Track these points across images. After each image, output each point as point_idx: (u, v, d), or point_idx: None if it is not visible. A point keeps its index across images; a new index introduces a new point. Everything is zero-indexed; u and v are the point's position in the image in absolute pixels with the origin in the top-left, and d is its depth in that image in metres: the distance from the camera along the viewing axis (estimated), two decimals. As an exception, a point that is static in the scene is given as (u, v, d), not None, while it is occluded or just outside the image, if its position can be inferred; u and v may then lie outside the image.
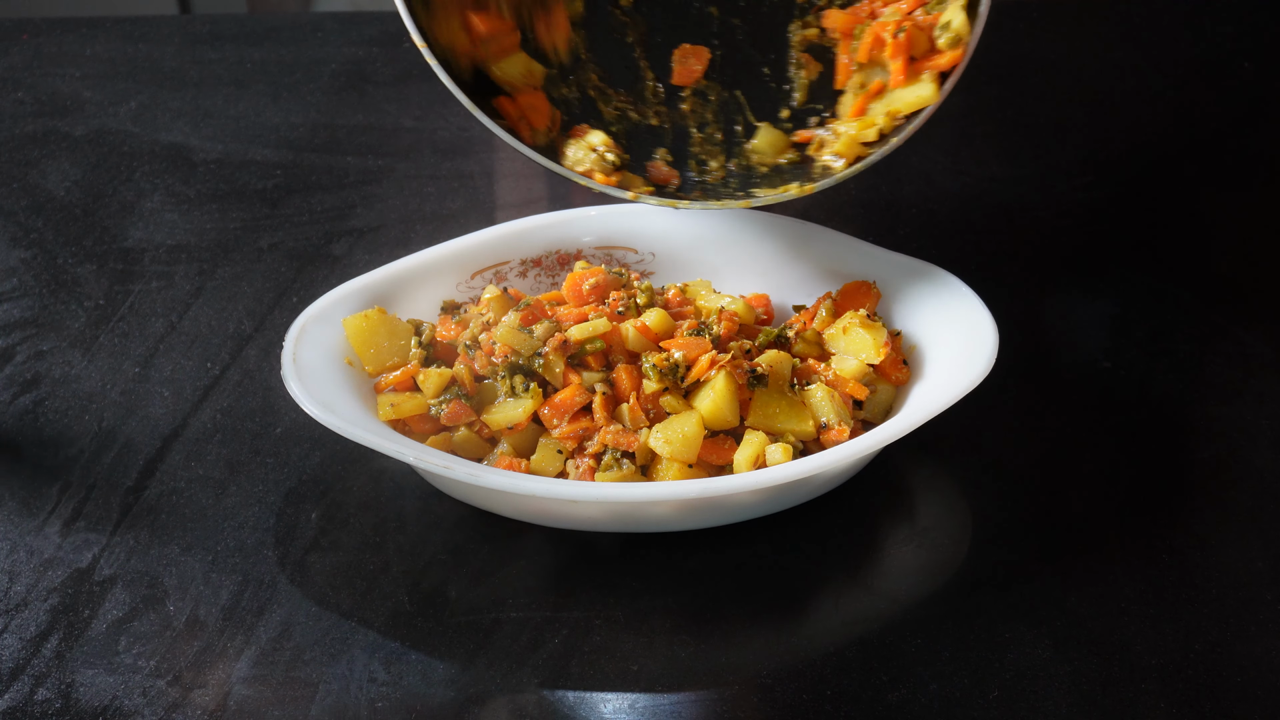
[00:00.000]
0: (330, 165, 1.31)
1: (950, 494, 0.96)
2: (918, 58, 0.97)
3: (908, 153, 1.37)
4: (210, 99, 1.42)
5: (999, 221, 1.24)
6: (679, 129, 1.04)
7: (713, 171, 1.03)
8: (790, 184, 0.98)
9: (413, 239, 1.21)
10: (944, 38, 0.96)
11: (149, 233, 1.21)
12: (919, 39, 0.96)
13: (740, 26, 1.04)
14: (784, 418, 0.89)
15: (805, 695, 0.81)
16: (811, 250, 1.03)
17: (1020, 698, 0.80)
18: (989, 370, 0.89)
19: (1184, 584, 0.88)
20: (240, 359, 1.06)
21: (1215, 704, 0.80)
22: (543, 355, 0.90)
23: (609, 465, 0.88)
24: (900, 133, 0.96)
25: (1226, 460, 0.97)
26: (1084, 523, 0.92)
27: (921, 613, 0.86)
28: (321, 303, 0.96)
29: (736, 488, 0.85)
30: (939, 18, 0.97)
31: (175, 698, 0.80)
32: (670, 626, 0.85)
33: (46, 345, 1.08)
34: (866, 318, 0.94)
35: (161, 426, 1.00)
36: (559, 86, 1.02)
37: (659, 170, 1.02)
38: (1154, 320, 1.11)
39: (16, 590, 0.87)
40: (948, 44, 0.96)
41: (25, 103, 1.42)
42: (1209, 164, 1.33)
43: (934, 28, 0.97)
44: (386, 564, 0.89)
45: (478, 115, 0.95)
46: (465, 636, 0.84)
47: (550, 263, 1.05)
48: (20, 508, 0.93)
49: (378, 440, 0.86)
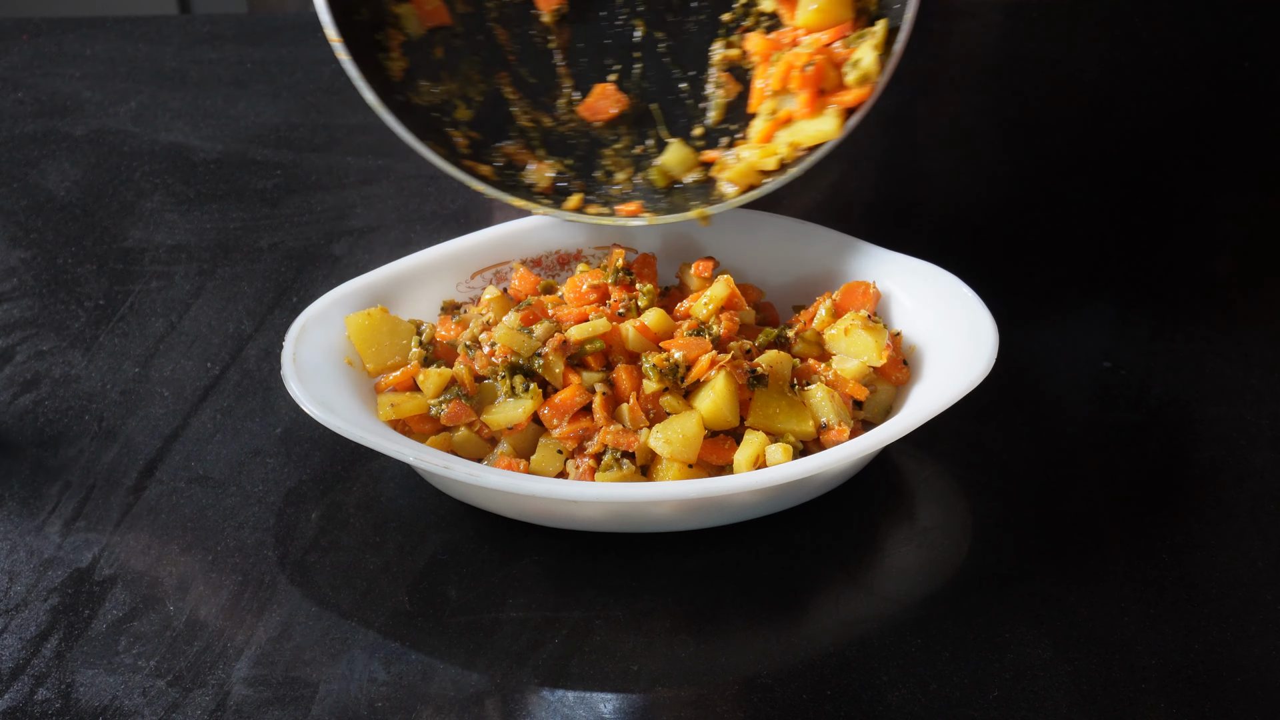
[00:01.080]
0: (330, 165, 1.31)
1: (950, 494, 0.96)
2: (827, 91, 0.97)
3: (907, 152, 1.38)
4: (210, 99, 1.42)
5: (999, 222, 1.24)
6: (592, 137, 1.04)
7: (620, 184, 1.03)
8: (692, 206, 0.99)
9: (413, 239, 1.21)
10: (853, 75, 0.97)
11: (149, 233, 1.21)
12: (829, 73, 0.97)
13: (664, 40, 1.05)
14: (784, 418, 0.89)
15: (805, 695, 0.81)
16: (811, 250, 1.03)
17: (1020, 698, 0.80)
18: (989, 370, 0.89)
19: (1184, 584, 0.88)
20: (240, 359, 1.06)
21: (1215, 704, 0.80)
22: (542, 355, 0.90)
23: (609, 465, 0.88)
24: (800, 165, 0.97)
25: (1226, 460, 0.97)
26: (1084, 523, 0.92)
27: (922, 613, 0.86)
28: (321, 303, 0.96)
29: (736, 488, 0.85)
30: (853, 53, 0.97)
31: (175, 698, 0.80)
32: (670, 626, 0.85)
33: (46, 345, 1.08)
34: (868, 319, 0.94)
35: (162, 426, 1.00)
36: (469, 87, 1.02)
37: (542, 176, 1.03)
38: (1154, 320, 1.11)
39: (16, 590, 0.87)
40: (855, 81, 0.96)
41: (25, 103, 1.42)
42: (1209, 164, 1.33)
43: (845, 63, 0.97)
44: (386, 564, 0.89)
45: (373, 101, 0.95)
46: (465, 636, 0.84)
47: (550, 263, 1.05)
48: (20, 507, 0.93)
49: (378, 440, 0.86)
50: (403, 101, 0.99)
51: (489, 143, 1.02)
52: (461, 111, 1.02)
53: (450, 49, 1.02)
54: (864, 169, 1.34)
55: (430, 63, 1.02)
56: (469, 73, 1.02)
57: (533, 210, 1.00)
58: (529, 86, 1.03)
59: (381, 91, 0.96)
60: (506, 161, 1.03)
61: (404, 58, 1.01)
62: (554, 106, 1.04)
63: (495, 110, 1.03)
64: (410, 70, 1.01)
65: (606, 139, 1.04)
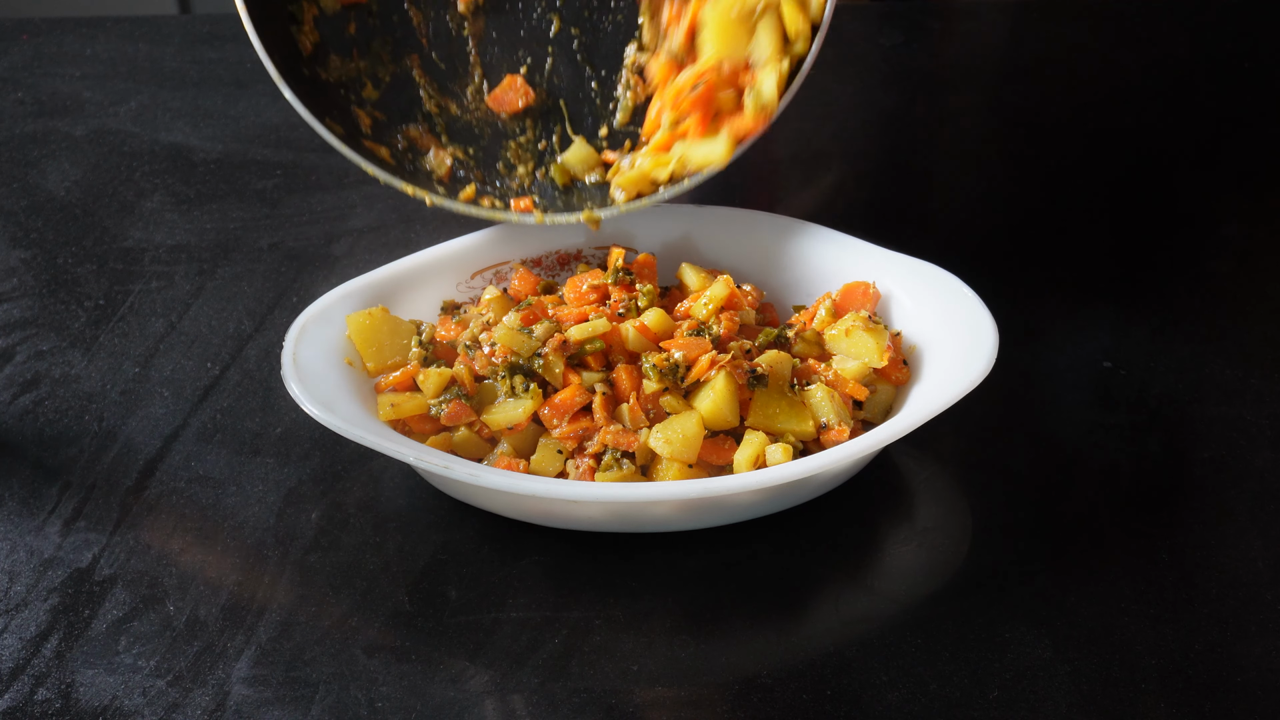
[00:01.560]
0: (330, 165, 1.31)
1: (950, 494, 0.96)
2: (723, 113, 0.97)
3: (907, 153, 1.38)
4: (210, 99, 1.42)
5: (999, 222, 1.24)
6: (497, 129, 1.04)
7: (519, 178, 1.03)
8: (585, 208, 0.99)
9: (413, 239, 1.21)
10: (750, 103, 0.97)
11: (149, 233, 1.21)
12: (727, 99, 0.97)
13: (578, 38, 1.05)
14: (784, 418, 0.89)
15: (805, 695, 0.81)
16: (811, 250, 1.03)
17: (1020, 698, 0.80)
18: (989, 370, 0.89)
19: (1184, 584, 0.88)
20: (240, 359, 1.06)
21: (1215, 704, 0.80)
22: (542, 356, 0.90)
23: (609, 465, 0.88)
24: (688, 181, 0.97)
25: (1226, 460, 0.97)
26: (1084, 523, 0.92)
27: (921, 613, 0.86)
28: (321, 303, 0.96)
29: (736, 488, 0.85)
30: (755, 78, 0.97)
31: (175, 698, 0.80)
32: (670, 626, 0.85)
33: (46, 345, 1.08)
34: (868, 320, 0.94)
35: (162, 426, 1.00)
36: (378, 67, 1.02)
37: (441, 163, 1.02)
38: (1154, 320, 1.11)
39: (17, 590, 0.87)
40: (752, 110, 0.96)
41: (25, 103, 1.42)
42: (1208, 164, 1.33)
43: (746, 90, 0.97)
44: (386, 564, 0.89)
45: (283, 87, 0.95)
46: (465, 636, 0.84)
47: (550, 263, 1.05)
48: (20, 507, 0.93)
49: (378, 440, 0.86)
50: (309, 76, 0.99)
51: (393, 124, 1.02)
52: (369, 90, 1.01)
53: (363, 26, 1.02)
54: (864, 169, 1.34)
55: (342, 38, 1.02)
56: (380, 52, 1.02)
57: (425, 198, 0.99)
58: (439, 71, 1.03)
59: (287, 64, 0.96)
60: (408, 145, 1.02)
61: (315, 31, 1.01)
62: (462, 94, 1.03)
63: (402, 92, 1.03)
64: (320, 44, 1.01)
65: (511, 131, 1.04)
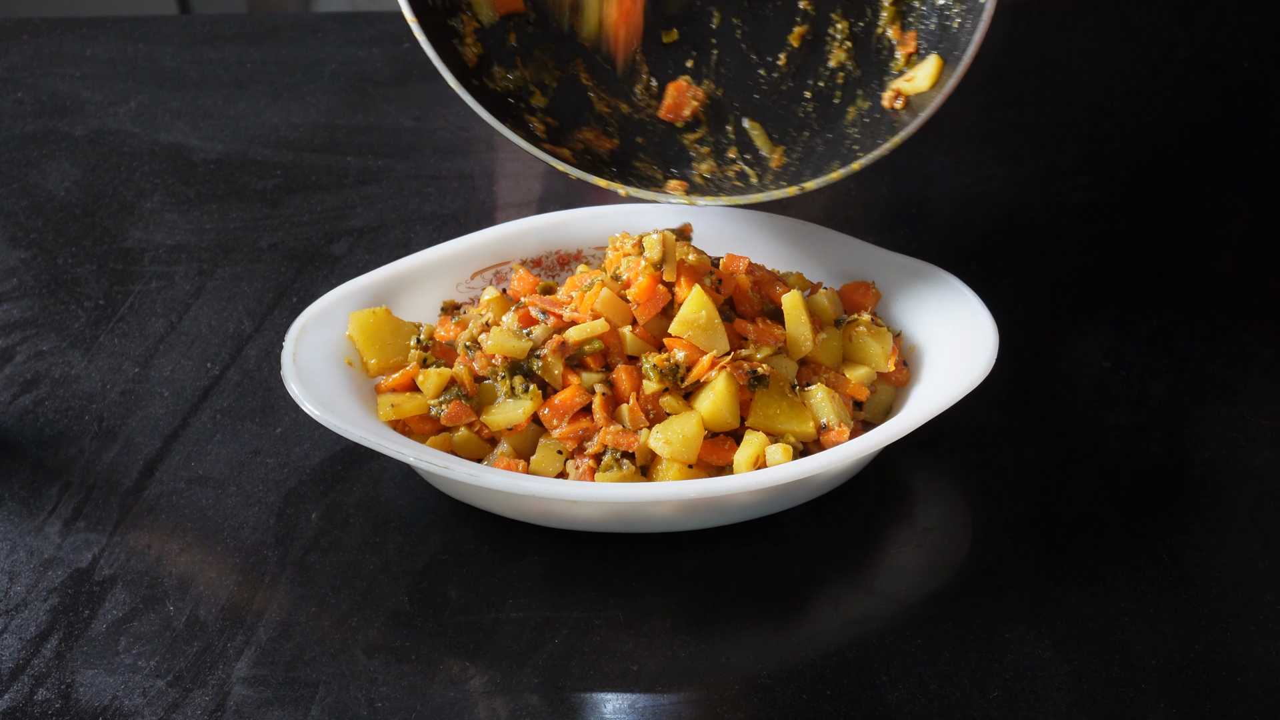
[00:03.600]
0: (330, 165, 1.31)
1: (950, 494, 0.96)
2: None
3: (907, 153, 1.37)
4: (210, 99, 1.42)
5: (999, 222, 1.24)
6: (669, 125, 1.04)
7: (699, 172, 1.03)
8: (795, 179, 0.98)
9: (413, 239, 1.21)
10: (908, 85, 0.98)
11: (149, 233, 1.21)
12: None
13: (740, 27, 1.04)
14: (784, 418, 0.89)
15: (805, 695, 0.81)
16: (811, 250, 1.03)
17: (1020, 698, 0.80)
18: (989, 371, 0.89)
19: (1184, 584, 0.88)
20: (240, 359, 1.06)
21: (1215, 704, 0.80)
22: (541, 357, 0.90)
23: (609, 466, 0.88)
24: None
25: (1226, 460, 0.97)
26: (1084, 523, 0.92)
27: (921, 613, 0.86)
28: (321, 303, 0.96)
29: (736, 488, 0.85)
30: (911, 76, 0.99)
31: (175, 698, 0.80)
32: (670, 627, 0.85)
33: (46, 345, 1.08)
34: (871, 323, 0.94)
35: (161, 426, 1.00)
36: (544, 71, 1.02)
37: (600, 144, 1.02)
38: (1154, 320, 1.11)
39: (16, 590, 0.87)
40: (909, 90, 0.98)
41: (25, 103, 1.42)
42: (1208, 164, 1.33)
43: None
44: (386, 564, 0.89)
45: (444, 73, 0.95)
46: (465, 636, 0.84)
47: (550, 263, 1.05)
48: (20, 507, 0.93)
49: (378, 440, 0.86)
50: (477, 86, 0.99)
51: (566, 129, 1.01)
52: (537, 98, 1.01)
53: (523, 35, 1.02)
54: (864, 169, 1.34)
55: (504, 49, 1.02)
56: (543, 59, 1.02)
57: (619, 189, 0.97)
58: (604, 73, 1.03)
59: (457, 76, 0.95)
60: (584, 146, 1.02)
61: (478, 44, 1.01)
62: (631, 92, 1.03)
63: (571, 96, 1.02)
64: (484, 57, 1.01)
65: (684, 128, 1.04)
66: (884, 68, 1.01)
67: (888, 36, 1.01)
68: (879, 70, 1.02)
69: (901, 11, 1.01)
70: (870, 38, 1.02)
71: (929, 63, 0.97)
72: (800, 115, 1.03)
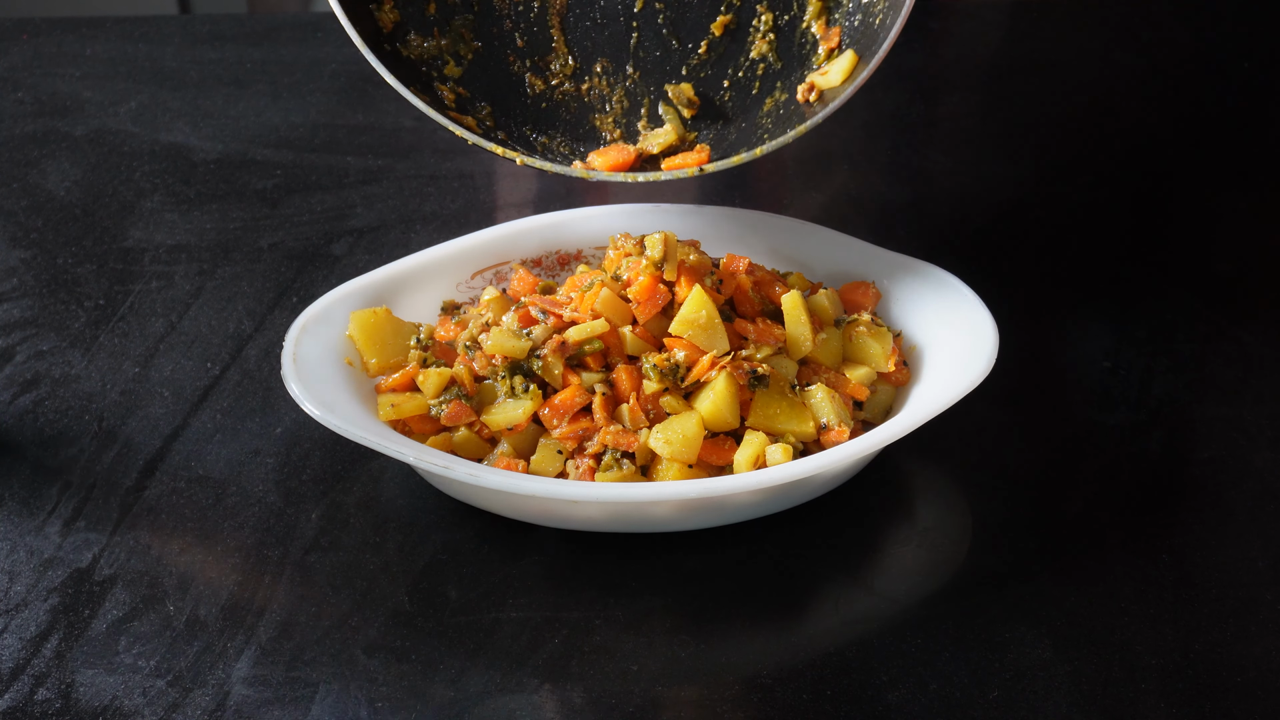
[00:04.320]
0: (330, 165, 1.31)
1: (950, 494, 0.96)
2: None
3: (907, 152, 1.38)
4: (210, 99, 1.42)
5: (999, 221, 1.24)
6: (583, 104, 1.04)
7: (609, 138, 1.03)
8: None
9: (413, 239, 1.21)
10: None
11: (149, 233, 1.21)
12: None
13: (663, 12, 1.04)
14: (784, 418, 0.89)
15: (805, 695, 0.81)
16: (811, 250, 1.03)
17: (1020, 698, 0.80)
18: (989, 370, 0.89)
19: (1184, 584, 0.88)
20: (240, 359, 1.06)
21: (1215, 704, 0.80)
22: (541, 356, 0.90)
23: (609, 465, 0.88)
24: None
25: (1226, 460, 0.97)
26: (1084, 523, 0.92)
27: (921, 613, 0.86)
28: (321, 303, 0.96)
29: (736, 488, 0.85)
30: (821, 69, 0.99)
31: (175, 698, 0.80)
32: (670, 626, 0.85)
33: (46, 345, 1.08)
34: (871, 322, 0.94)
35: (161, 426, 1.00)
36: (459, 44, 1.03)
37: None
38: (1154, 320, 1.11)
39: (16, 590, 0.87)
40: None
41: (25, 103, 1.42)
42: (1208, 164, 1.33)
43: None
44: (386, 564, 0.89)
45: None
46: (465, 636, 0.84)
47: (550, 263, 1.05)
48: (20, 507, 0.93)
49: (378, 440, 0.86)
50: (390, 52, 0.99)
51: (476, 100, 1.02)
52: (450, 68, 1.01)
53: (443, 6, 1.02)
54: (864, 169, 1.34)
55: (423, 18, 1.02)
56: (461, 30, 1.02)
57: (515, 158, 0.97)
58: (520, 50, 1.03)
59: (368, 40, 0.96)
60: (489, 116, 1.02)
61: (395, 10, 1.01)
62: (546, 69, 1.03)
63: (485, 69, 1.03)
64: (401, 23, 1.01)
65: (599, 107, 1.04)
66: (804, 62, 1.01)
67: (811, 31, 1.01)
68: (799, 64, 1.02)
69: (828, 7, 1.01)
70: (794, 32, 1.02)
71: (844, 58, 0.98)
72: (716, 103, 1.03)
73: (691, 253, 0.94)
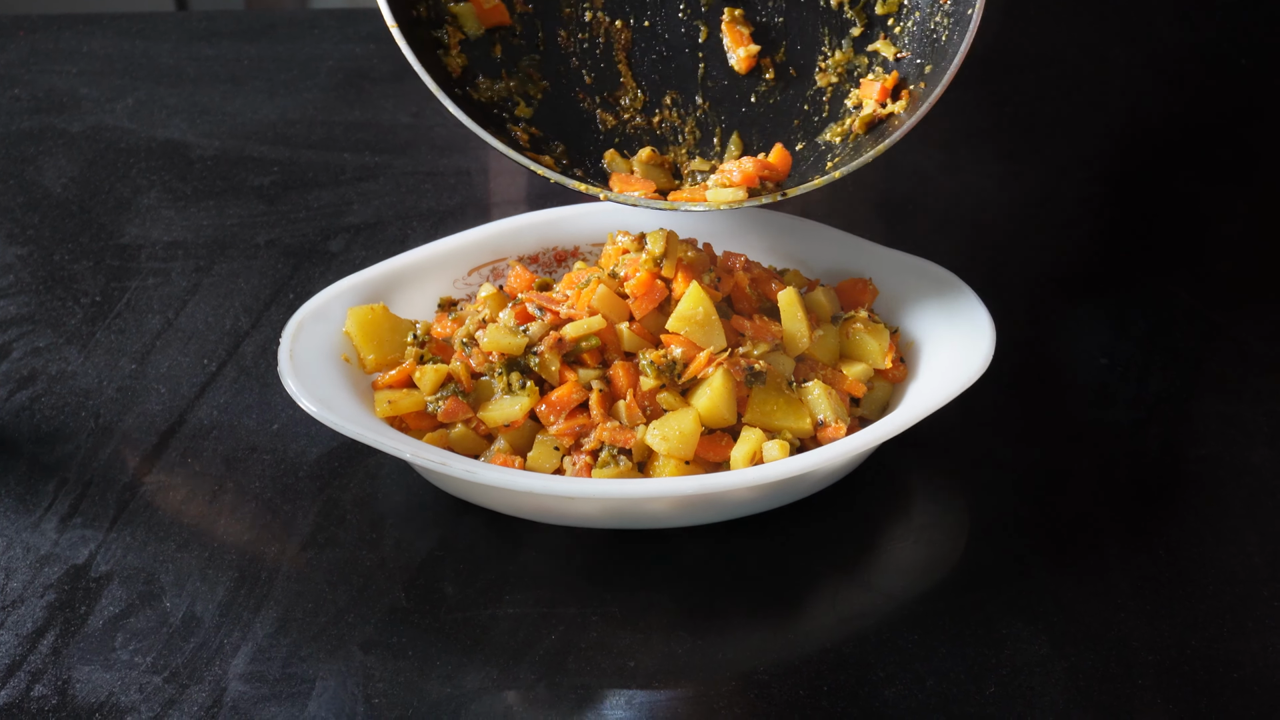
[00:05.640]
0: (327, 162, 1.31)
1: (947, 491, 0.97)
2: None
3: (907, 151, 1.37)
4: (207, 95, 1.42)
5: (996, 218, 1.24)
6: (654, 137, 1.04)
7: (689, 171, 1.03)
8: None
9: (410, 236, 1.21)
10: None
11: (145, 229, 1.21)
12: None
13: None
14: (781, 415, 0.89)
15: (802, 691, 0.81)
16: (809, 247, 1.03)
17: (1017, 693, 0.80)
18: (986, 367, 0.89)
19: (1181, 580, 0.88)
20: (237, 355, 1.06)
21: (1211, 700, 0.80)
22: (538, 353, 0.90)
23: (606, 462, 0.88)
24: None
25: (1224, 457, 0.97)
26: (1081, 519, 0.92)
27: (918, 609, 0.86)
28: (318, 299, 0.96)
29: (733, 484, 0.85)
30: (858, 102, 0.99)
31: (172, 694, 0.80)
32: (667, 623, 0.85)
33: (43, 342, 1.08)
34: (869, 319, 0.94)
35: (158, 423, 1.00)
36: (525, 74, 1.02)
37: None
38: (1153, 319, 1.11)
39: (13, 587, 0.87)
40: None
41: (22, 99, 1.41)
42: (1208, 162, 1.33)
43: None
44: (383, 560, 0.89)
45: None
46: (462, 632, 0.84)
47: (547, 259, 1.05)
48: (16, 504, 0.93)
49: (374, 437, 0.86)
50: (461, 96, 0.99)
51: (550, 139, 1.02)
52: (522, 109, 1.01)
53: (509, 48, 1.02)
54: (863, 167, 1.34)
55: (489, 60, 1.02)
56: (528, 70, 1.02)
57: (599, 195, 0.97)
58: (589, 87, 1.03)
59: (441, 85, 0.95)
60: (565, 154, 1.02)
61: (462, 55, 1.01)
62: (616, 104, 1.03)
63: (556, 108, 1.03)
64: (468, 67, 1.01)
65: (671, 139, 1.04)
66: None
67: (879, 57, 1.02)
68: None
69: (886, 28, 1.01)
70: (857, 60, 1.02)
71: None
72: (785, 128, 1.03)
73: (689, 249, 0.93)
